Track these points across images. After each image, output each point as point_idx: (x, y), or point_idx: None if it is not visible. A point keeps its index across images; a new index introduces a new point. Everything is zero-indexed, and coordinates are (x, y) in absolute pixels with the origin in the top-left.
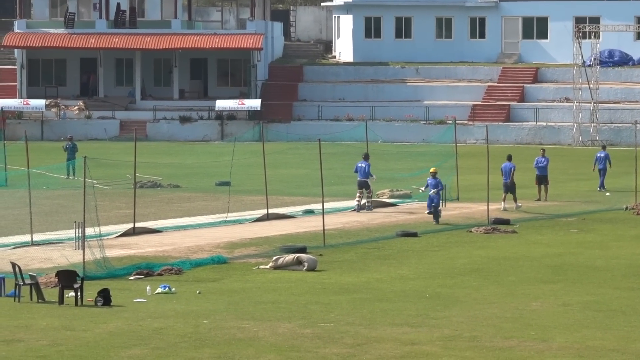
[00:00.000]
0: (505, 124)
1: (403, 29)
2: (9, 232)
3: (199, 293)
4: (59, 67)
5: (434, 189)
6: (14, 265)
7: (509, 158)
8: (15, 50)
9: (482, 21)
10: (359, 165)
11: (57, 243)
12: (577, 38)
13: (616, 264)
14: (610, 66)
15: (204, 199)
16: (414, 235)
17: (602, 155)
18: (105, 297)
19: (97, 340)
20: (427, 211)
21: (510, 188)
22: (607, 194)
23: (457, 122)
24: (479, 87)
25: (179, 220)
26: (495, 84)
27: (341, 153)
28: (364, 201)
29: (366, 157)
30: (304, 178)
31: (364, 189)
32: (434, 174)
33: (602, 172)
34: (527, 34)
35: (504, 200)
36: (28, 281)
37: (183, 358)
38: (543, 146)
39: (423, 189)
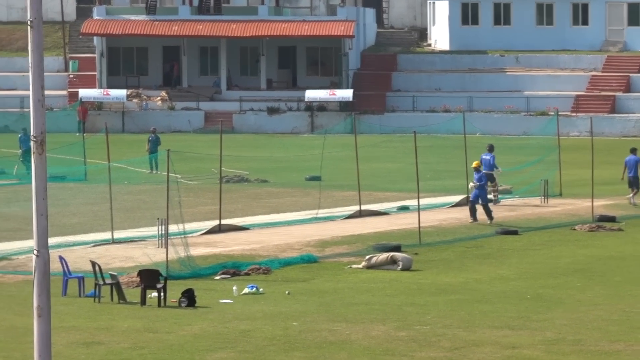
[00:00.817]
0: (610, 115)
1: (502, 15)
2: (89, 229)
3: (288, 294)
4: (141, 56)
5: (477, 186)
6: (93, 264)
7: (633, 151)
8: (95, 38)
9: (585, 7)
10: (483, 157)
11: (139, 241)
12: None
13: None
14: None
15: (293, 195)
16: (515, 233)
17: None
18: (189, 298)
19: (181, 343)
20: (471, 199)
21: (633, 183)
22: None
23: (559, 113)
24: (582, 76)
25: (267, 217)
26: (600, 74)
27: (437, 146)
28: (490, 195)
29: (491, 149)
30: (398, 172)
31: (488, 182)
32: (477, 169)
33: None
34: (633, 21)
35: (633, 195)
36: (108, 281)
37: None
38: None
39: (473, 185)
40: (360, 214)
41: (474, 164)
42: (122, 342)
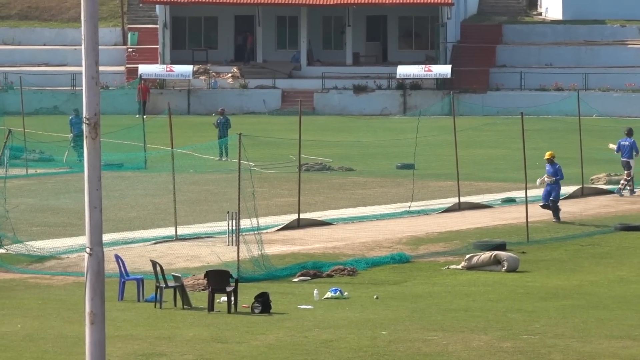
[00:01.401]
0: None
1: None
2: (149, 224)
3: (377, 298)
4: (209, 27)
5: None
6: (154, 264)
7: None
8: (157, 6)
9: None
10: (622, 143)
11: (206, 238)
12: None
13: None
14: None
15: (382, 185)
16: (638, 229)
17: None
18: (264, 303)
19: (254, 354)
20: (541, 204)
21: None
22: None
23: None
24: None
25: (353, 211)
26: None
27: (548, 129)
28: (619, 186)
29: (630, 133)
30: (502, 160)
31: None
32: (550, 160)
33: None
34: None
35: None
36: (172, 283)
37: None
38: None
39: (543, 180)
40: (459, 207)
41: (547, 155)
42: (187, 353)
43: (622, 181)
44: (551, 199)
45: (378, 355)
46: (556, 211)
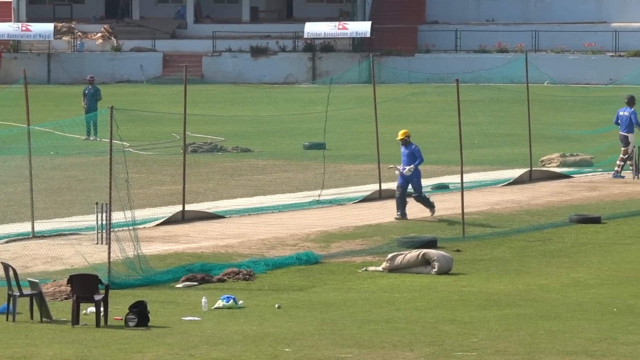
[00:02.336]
0: None
1: None
2: (1, 219)
3: (279, 308)
4: None
5: (406, 165)
6: (6, 267)
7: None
8: None
9: None
10: (620, 113)
11: (70, 235)
12: None
13: None
14: None
15: (286, 169)
16: (596, 221)
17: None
18: (140, 314)
19: None
20: (397, 193)
21: None
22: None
23: None
24: None
25: (250, 201)
26: None
27: (490, 100)
28: (616, 167)
29: (630, 101)
30: (434, 137)
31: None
32: (405, 141)
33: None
34: None
35: None
36: (27, 291)
37: None
38: None
39: (394, 167)
40: (380, 196)
41: (401, 134)
42: None
43: (617, 161)
44: (413, 194)
45: None
46: (427, 202)
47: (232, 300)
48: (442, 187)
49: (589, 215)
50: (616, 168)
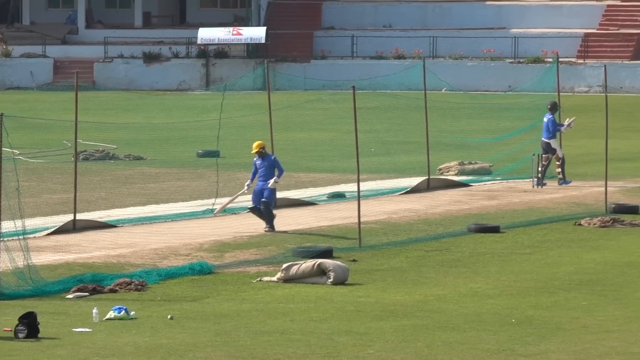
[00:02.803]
0: (633, 62)
1: None
2: None
3: (171, 319)
4: None
5: (264, 178)
6: None
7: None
8: None
9: None
10: (544, 119)
11: None
12: None
13: None
14: None
15: (179, 178)
16: (495, 230)
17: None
18: (30, 325)
19: None
20: (251, 206)
21: None
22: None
23: (560, 60)
24: (593, 7)
25: (142, 210)
26: (618, 3)
27: (387, 107)
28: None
29: (553, 107)
30: (330, 145)
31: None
32: (261, 153)
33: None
34: None
35: None
36: None
37: None
38: None
39: (247, 187)
40: (275, 205)
41: (255, 146)
42: None
43: (557, 169)
44: (263, 199)
45: None
46: (270, 217)
47: (123, 311)
48: (338, 196)
49: (487, 224)
50: (558, 175)
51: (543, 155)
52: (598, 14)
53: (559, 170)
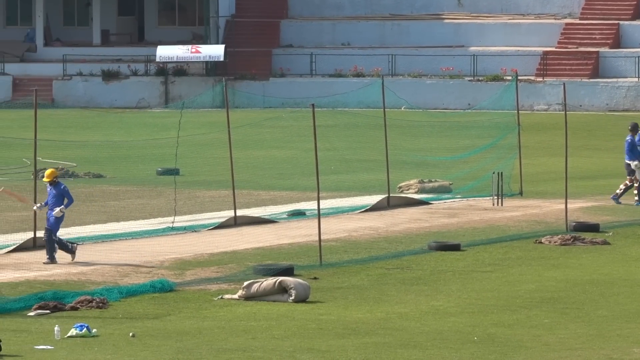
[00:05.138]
0: (592, 80)
1: None
2: None
3: (133, 336)
4: None
5: (53, 206)
6: None
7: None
8: None
9: None
10: (628, 140)
11: None
12: None
13: None
14: None
15: (139, 195)
16: (456, 248)
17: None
18: None
19: None
20: (44, 236)
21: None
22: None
23: (519, 78)
24: (552, 25)
25: (103, 227)
26: (577, 21)
27: (345, 125)
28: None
29: (634, 129)
30: (289, 163)
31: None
32: (53, 181)
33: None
34: None
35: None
36: None
37: None
38: None
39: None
40: (235, 223)
41: (47, 176)
42: None
43: (621, 185)
44: (47, 226)
45: None
46: (50, 246)
47: (85, 328)
48: (299, 214)
49: (448, 242)
50: (617, 191)
51: (628, 177)
52: (557, 32)
53: (637, 192)
